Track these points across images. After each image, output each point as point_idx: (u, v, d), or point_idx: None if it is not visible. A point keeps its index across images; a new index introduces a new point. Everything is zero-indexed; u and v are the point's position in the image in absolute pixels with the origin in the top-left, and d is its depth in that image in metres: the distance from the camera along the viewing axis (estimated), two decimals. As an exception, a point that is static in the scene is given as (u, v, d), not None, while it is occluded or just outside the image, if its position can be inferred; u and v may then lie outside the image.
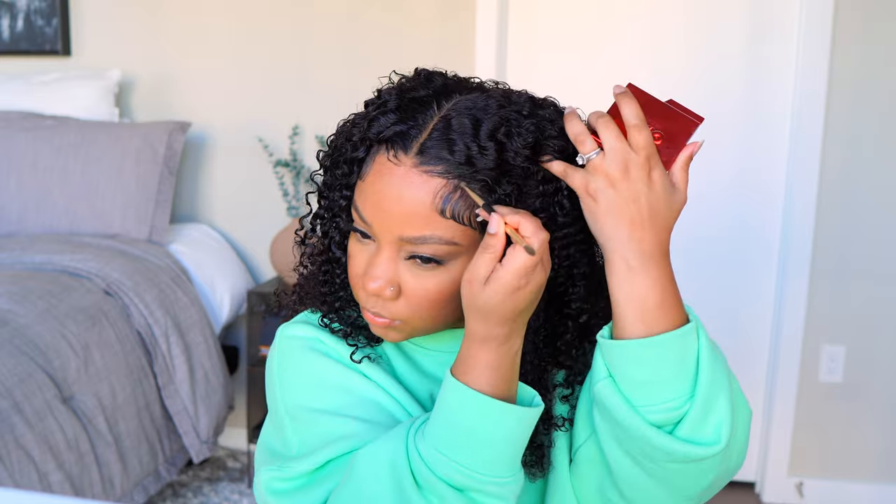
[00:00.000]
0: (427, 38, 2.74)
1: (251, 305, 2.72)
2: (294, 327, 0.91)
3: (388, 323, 0.83)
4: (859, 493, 2.71)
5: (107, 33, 2.95)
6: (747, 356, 2.77)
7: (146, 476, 2.28)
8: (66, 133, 2.65)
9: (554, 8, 2.72)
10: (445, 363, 0.91)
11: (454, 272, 0.80)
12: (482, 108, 0.79)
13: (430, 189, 0.77)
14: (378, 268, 0.80)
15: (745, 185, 2.69)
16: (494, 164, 0.76)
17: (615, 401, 0.78)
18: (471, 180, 0.77)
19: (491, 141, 0.77)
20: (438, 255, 0.79)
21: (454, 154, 0.76)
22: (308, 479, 0.84)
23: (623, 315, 0.78)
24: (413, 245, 0.79)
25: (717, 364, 0.78)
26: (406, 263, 0.80)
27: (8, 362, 1.87)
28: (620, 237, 0.77)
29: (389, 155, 0.78)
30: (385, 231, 0.79)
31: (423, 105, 0.80)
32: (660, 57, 2.68)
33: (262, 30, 2.85)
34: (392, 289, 0.80)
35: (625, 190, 0.76)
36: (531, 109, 0.80)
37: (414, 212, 0.77)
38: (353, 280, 0.84)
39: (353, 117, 0.86)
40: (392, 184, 0.78)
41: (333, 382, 0.87)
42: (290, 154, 2.82)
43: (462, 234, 0.78)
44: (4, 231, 2.63)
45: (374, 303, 0.82)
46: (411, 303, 0.81)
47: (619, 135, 0.77)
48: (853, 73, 2.54)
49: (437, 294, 0.81)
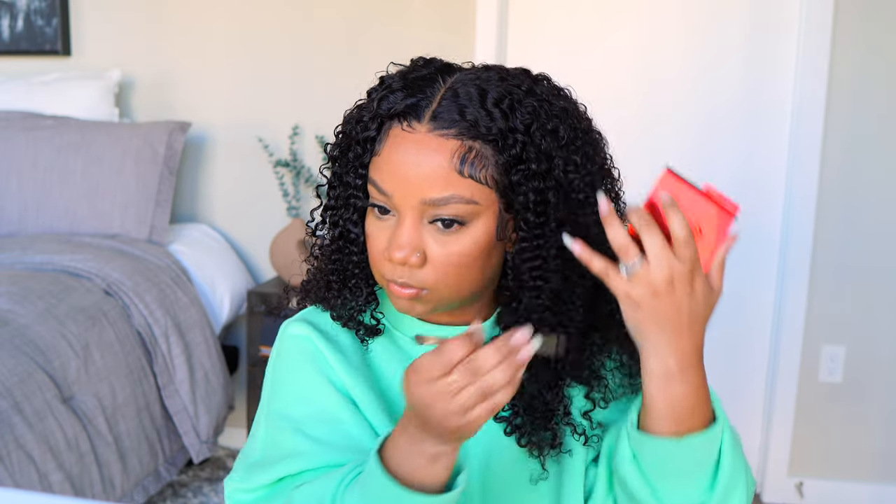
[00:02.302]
0: (427, 38, 2.73)
1: (251, 305, 2.72)
2: (293, 325, 0.93)
3: (416, 293, 0.84)
4: (859, 493, 2.71)
5: (107, 33, 2.95)
6: (747, 356, 2.77)
7: (146, 476, 2.28)
8: (66, 133, 2.65)
9: (554, 8, 2.72)
10: None
11: (476, 233, 0.82)
12: (485, 79, 0.82)
13: (447, 150, 0.80)
14: (402, 236, 0.82)
15: (745, 185, 2.69)
16: (504, 126, 0.80)
17: (638, 485, 0.82)
18: (483, 143, 0.80)
19: (496, 108, 0.80)
20: (460, 214, 0.81)
21: (465, 116, 0.80)
22: (266, 492, 0.89)
23: (656, 412, 0.80)
24: (435, 207, 0.81)
25: (738, 454, 0.83)
26: (429, 229, 0.82)
27: (8, 362, 1.87)
28: (661, 344, 0.78)
29: (403, 125, 0.82)
30: (406, 198, 0.81)
31: (428, 81, 0.83)
32: (660, 57, 2.68)
33: (262, 30, 2.85)
34: (418, 254, 0.82)
35: (668, 302, 0.76)
36: (529, 86, 0.84)
37: (433, 174, 0.80)
38: (376, 258, 0.86)
39: (358, 104, 0.88)
40: (409, 150, 0.81)
41: (302, 390, 0.89)
42: (290, 154, 2.82)
43: (481, 193, 0.81)
44: (4, 231, 2.63)
45: (400, 272, 0.83)
46: (437, 269, 0.83)
47: (664, 244, 0.75)
48: (853, 73, 2.54)
49: (460, 257, 0.82)
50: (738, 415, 2.78)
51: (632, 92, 2.70)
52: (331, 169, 0.90)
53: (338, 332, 0.92)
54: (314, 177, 2.82)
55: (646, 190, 0.78)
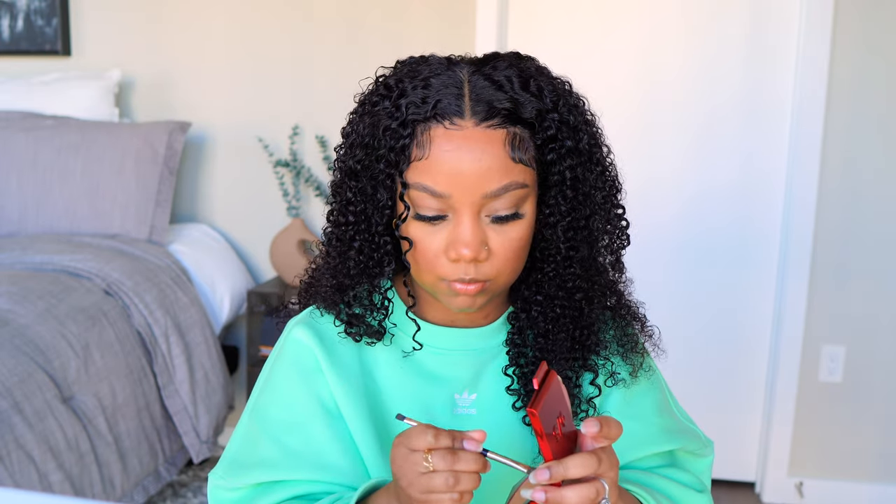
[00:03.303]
0: (427, 38, 2.73)
1: (251, 305, 2.72)
2: (298, 330, 0.93)
3: (482, 286, 0.85)
4: (859, 493, 2.70)
5: (107, 33, 2.95)
6: (747, 356, 2.77)
7: (146, 476, 2.28)
8: (66, 133, 2.65)
9: (554, 9, 2.72)
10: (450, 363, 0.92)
11: (528, 216, 0.85)
12: (498, 67, 0.84)
13: (498, 140, 0.81)
14: (467, 234, 0.83)
15: (745, 185, 2.69)
16: (539, 107, 0.82)
17: None
18: (521, 127, 0.82)
19: (525, 91, 0.82)
20: (516, 202, 0.83)
21: (503, 105, 0.81)
22: (246, 493, 0.91)
23: None
24: (494, 199, 0.82)
25: None
26: (485, 221, 0.84)
27: (8, 362, 1.87)
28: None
29: (445, 124, 0.81)
30: (466, 195, 0.82)
31: (445, 77, 0.83)
32: (660, 57, 2.68)
33: (262, 30, 2.85)
34: (486, 248, 0.84)
35: None
36: (535, 66, 0.86)
37: (491, 165, 0.81)
38: (430, 260, 0.85)
39: (370, 111, 0.86)
40: (462, 148, 0.81)
41: (282, 394, 0.92)
42: (290, 154, 2.82)
43: (529, 176, 0.84)
44: (4, 231, 2.63)
45: (465, 270, 0.84)
46: (499, 259, 0.84)
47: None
48: (853, 73, 2.54)
49: (519, 242, 0.85)
50: (738, 415, 2.78)
51: (632, 91, 2.70)
52: (348, 185, 0.88)
53: (338, 338, 0.93)
54: (314, 177, 2.82)
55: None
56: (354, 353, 0.92)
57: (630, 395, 0.94)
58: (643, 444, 0.95)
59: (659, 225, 2.72)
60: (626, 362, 0.94)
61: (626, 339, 0.94)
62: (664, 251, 2.74)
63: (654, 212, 2.71)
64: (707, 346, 2.76)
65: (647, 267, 2.66)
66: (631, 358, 0.94)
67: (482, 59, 0.87)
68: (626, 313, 0.95)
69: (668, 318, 2.84)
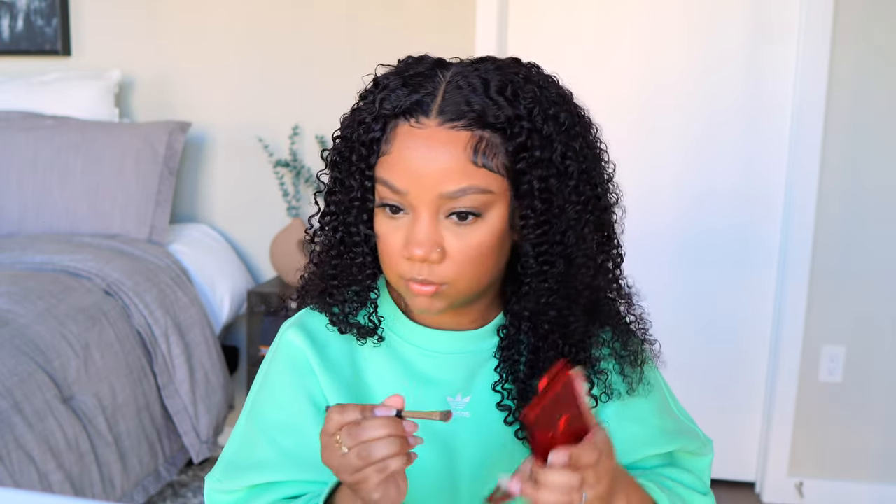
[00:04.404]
0: (427, 38, 2.73)
1: (251, 305, 2.72)
2: (291, 332, 0.93)
3: (436, 289, 0.84)
4: (859, 493, 2.71)
5: (107, 33, 2.95)
6: (747, 356, 2.77)
7: (146, 476, 2.28)
8: (66, 133, 2.65)
9: (554, 8, 2.72)
10: (441, 366, 0.92)
11: (492, 223, 0.83)
12: (483, 70, 0.83)
13: (460, 142, 0.80)
14: (420, 233, 0.82)
15: (745, 185, 2.69)
16: (511, 113, 0.80)
17: None
18: (491, 131, 0.80)
19: (500, 95, 0.80)
20: (476, 206, 0.81)
21: (472, 107, 0.80)
22: (243, 495, 0.91)
23: None
24: (452, 200, 0.81)
25: None
26: (445, 223, 0.82)
27: (8, 362, 1.87)
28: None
29: (411, 122, 0.81)
30: (422, 193, 0.81)
31: (427, 76, 0.83)
32: (660, 57, 2.68)
33: (262, 30, 2.85)
34: (438, 250, 0.82)
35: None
36: (526, 73, 0.85)
37: (448, 166, 0.80)
38: (391, 257, 0.85)
39: (354, 107, 0.88)
40: (421, 146, 0.80)
41: (277, 395, 0.92)
42: (290, 154, 2.82)
43: (494, 182, 0.82)
44: (4, 231, 2.63)
45: (419, 269, 0.83)
46: (456, 262, 0.83)
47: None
48: (853, 73, 2.53)
49: (478, 248, 0.83)
50: (738, 415, 2.78)
51: (633, 91, 2.70)
52: (330, 174, 0.90)
53: (330, 339, 0.93)
54: (314, 177, 2.82)
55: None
56: (346, 354, 0.93)
57: (629, 398, 0.94)
58: (643, 445, 0.95)
59: (660, 226, 2.72)
60: (625, 380, 0.93)
61: (625, 355, 0.92)
62: (665, 252, 2.74)
63: (655, 213, 2.71)
64: (707, 346, 2.76)
65: (648, 268, 2.66)
66: (629, 375, 0.93)
67: (473, 61, 0.86)
68: (626, 330, 0.93)
69: (668, 318, 2.85)
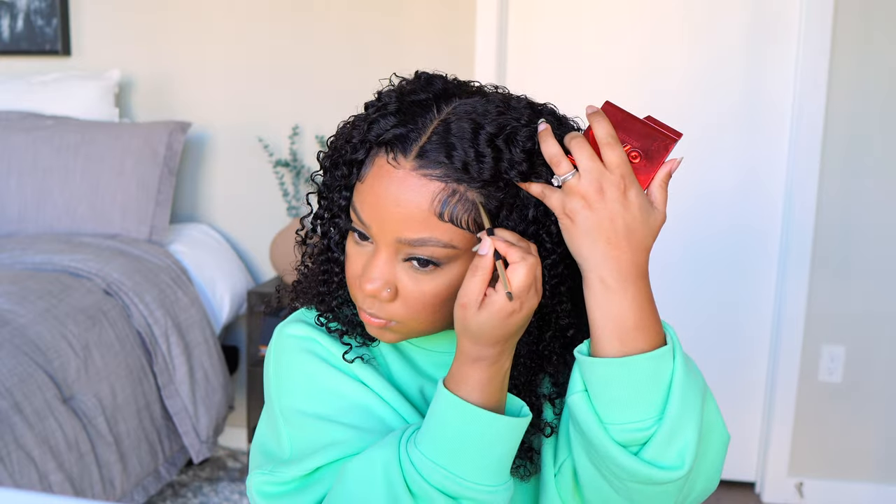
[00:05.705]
0: (427, 38, 2.74)
1: (251, 305, 2.72)
2: (291, 326, 0.92)
3: (384, 324, 0.83)
4: (859, 493, 2.71)
5: (107, 33, 2.95)
6: (747, 356, 2.77)
7: (146, 476, 2.28)
8: (66, 133, 2.65)
9: (554, 9, 2.72)
10: (442, 364, 0.92)
11: (451, 275, 0.80)
12: (482, 112, 0.79)
13: (429, 192, 0.77)
14: (375, 269, 0.81)
15: (745, 185, 2.69)
16: (491, 171, 0.77)
17: (586, 416, 0.78)
18: (468, 186, 0.77)
19: (489, 147, 0.77)
20: (436, 257, 0.79)
21: (453, 159, 0.77)
22: (299, 484, 0.86)
23: (601, 334, 0.78)
24: (411, 247, 0.79)
25: (691, 388, 0.78)
26: (403, 265, 0.81)
27: (8, 362, 1.87)
28: (596, 257, 0.77)
29: (389, 158, 0.79)
30: (383, 233, 0.79)
31: (422, 108, 0.80)
32: (660, 57, 2.68)
33: (262, 30, 2.85)
34: (389, 290, 0.81)
35: (601, 210, 0.76)
36: (530, 117, 0.81)
37: (412, 215, 0.77)
38: (351, 280, 0.85)
39: (353, 119, 0.86)
40: (391, 187, 0.78)
41: (325, 386, 0.88)
42: (290, 154, 2.82)
43: (460, 238, 0.78)
44: (4, 231, 2.63)
45: (370, 304, 0.82)
46: (408, 305, 0.81)
47: (592, 155, 0.77)
48: (853, 73, 2.54)
49: (433, 297, 0.81)
50: (738, 415, 2.78)
51: (632, 90, 2.70)
52: (322, 178, 0.89)
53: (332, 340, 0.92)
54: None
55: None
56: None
57: None
58: None
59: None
60: None
61: None
62: (665, 252, 2.73)
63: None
64: (707, 346, 2.76)
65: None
66: None
67: (478, 101, 0.80)
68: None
69: (668, 318, 2.84)
